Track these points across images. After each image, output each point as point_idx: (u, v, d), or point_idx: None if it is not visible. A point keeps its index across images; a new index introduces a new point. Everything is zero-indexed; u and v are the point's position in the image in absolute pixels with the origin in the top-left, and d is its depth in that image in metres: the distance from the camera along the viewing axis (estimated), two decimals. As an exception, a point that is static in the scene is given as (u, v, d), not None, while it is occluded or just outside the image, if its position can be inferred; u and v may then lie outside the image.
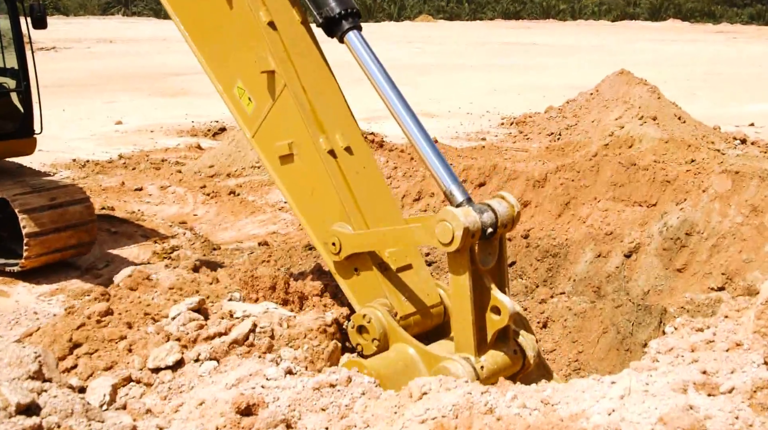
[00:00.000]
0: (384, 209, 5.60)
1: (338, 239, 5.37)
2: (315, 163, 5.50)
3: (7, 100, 10.72)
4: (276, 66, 5.51)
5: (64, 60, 37.71)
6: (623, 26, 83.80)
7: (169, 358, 5.08)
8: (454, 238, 4.56)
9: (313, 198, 5.58)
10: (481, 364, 4.72)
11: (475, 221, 4.63)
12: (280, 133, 5.61)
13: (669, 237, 9.08)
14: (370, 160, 5.70)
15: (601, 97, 18.50)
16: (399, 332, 5.06)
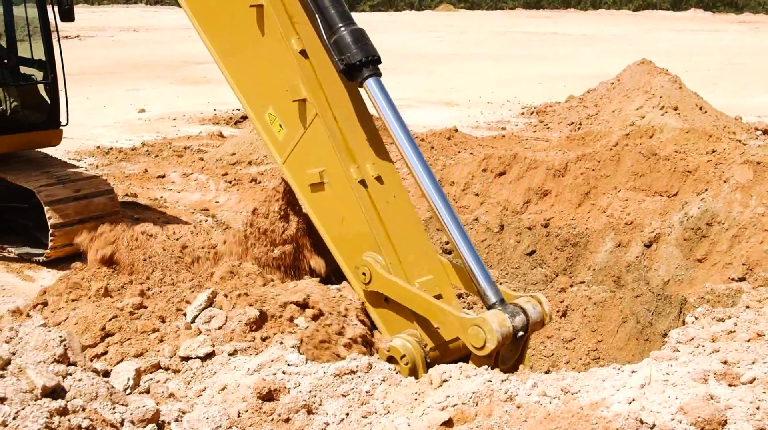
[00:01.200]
0: (414, 239, 5.64)
1: (369, 271, 5.42)
2: (346, 192, 5.54)
3: (34, 92, 10.83)
4: (307, 95, 5.55)
5: (88, 48, 37.91)
6: (645, 16, 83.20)
7: (201, 349, 5.15)
8: (485, 347, 4.70)
9: (344, 226, 5.63)
10: None
11: (508, 330, 4.75)
12: (311, 161, 5.64)
13: (689, 227, 9.05)
14: (401, 190, 5.74)
15: (622, 86, 18.41)
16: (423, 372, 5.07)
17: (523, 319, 4.87)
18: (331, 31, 5.46)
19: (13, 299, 8.71)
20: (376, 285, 5.42)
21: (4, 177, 9.92)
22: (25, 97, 10.81)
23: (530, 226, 9.85)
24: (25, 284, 9.27)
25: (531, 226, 9.84)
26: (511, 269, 9.55)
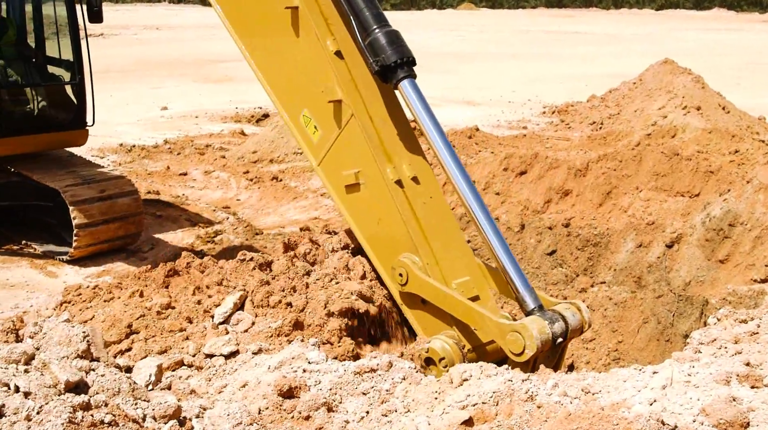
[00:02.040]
0: (451, 240, 5.60)
1: (406, 272, 5.39)
2: (382, 193, 5.53)
3: (61, 92, 10.95)
4: (343, 96, 5.54)
5: (112, 46, 38.16)
6: (667, 15, 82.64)
7: (226, 348, 5.19)
8: (524, 354, 4.68)
9: (380, 227, 5.60)
10: None
11: (548, 337, 4.73)
12: (347, 162, 5.63)
13: (712, 228, 9.00)
14: (437, 190, 5.72)
15: (644, 86, 18.32)
16: None
17: (563, 326, 4.85)
18: (366, 33, 5.44)
19: (36, 294, 8.81)
20: (412, 286, 5.40)
21: (30, 176, 10.04)
22: (53, 97, 10.94)
23: (551, 226, 9.83)
24: (49, 280, 9.37)
25: (552, 226, 9.82)
26: (532, 269, 9.53)
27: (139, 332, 5.46)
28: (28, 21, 11.50)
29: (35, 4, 11.40)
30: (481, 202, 5.33)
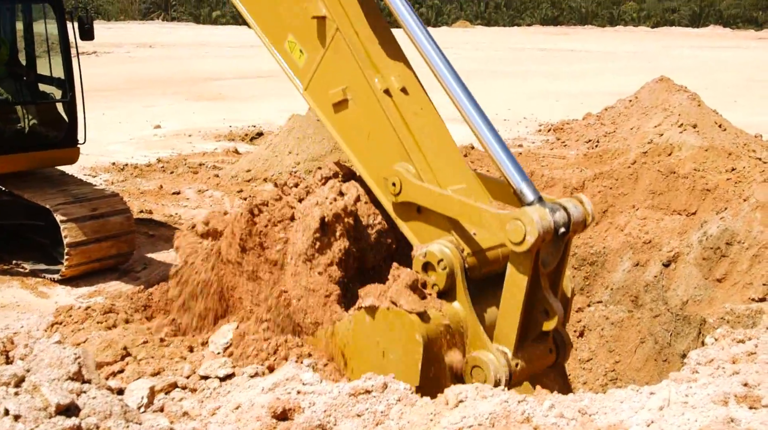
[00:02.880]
0: (445, 149, 5.39)
1: (399, 180, 5.15)
2: (371, 104, 5.32)
3: (52, 110, 10.92)
4: (327, 11, 5.39)
5: (105, 64, 38.20)
6: (663, 32, 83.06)
7: (221, 370, 5.13)
8: (525, 240, 4.40)
9: (370, 141, 5.39)
10: (517, 361, 4.64)
11: (549, 224, 4.45)
12: (334, 81, 5.47)
13: (709, 246, 8.97)
14: (428, 103, 5.50)
15: (640, 104, 18.34)
16: (462, 289, 4.81)
17: (564, 215, 4.57)
18: None
19: (27, 315, 8.72)
20: (406, 194, 5.15)
21: (21, 194, 9.98)
22: (44, 115, 10.90)
23: (547, 244, 9.79)
24: (40, 300, 9.29)
25: (547, 244, 9.78)
26: (528, 288, 9.48)
27: (133, 355, 5.41)
28: (19, 39, 11.48)
29: (26, 22, 11.38)
30: (470, 95, 5.09)
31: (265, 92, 29.41)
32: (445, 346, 4.65)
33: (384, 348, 4.69)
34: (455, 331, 4.72)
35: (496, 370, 4.52)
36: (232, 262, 5.54)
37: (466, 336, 4.74)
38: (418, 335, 4.52)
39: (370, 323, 4.76)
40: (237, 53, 48.04)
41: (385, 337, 4.69)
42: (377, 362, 4.72)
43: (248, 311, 5.56)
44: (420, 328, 4.54)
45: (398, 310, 4.62)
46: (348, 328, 4.93)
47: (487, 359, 4.57)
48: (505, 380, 4.51)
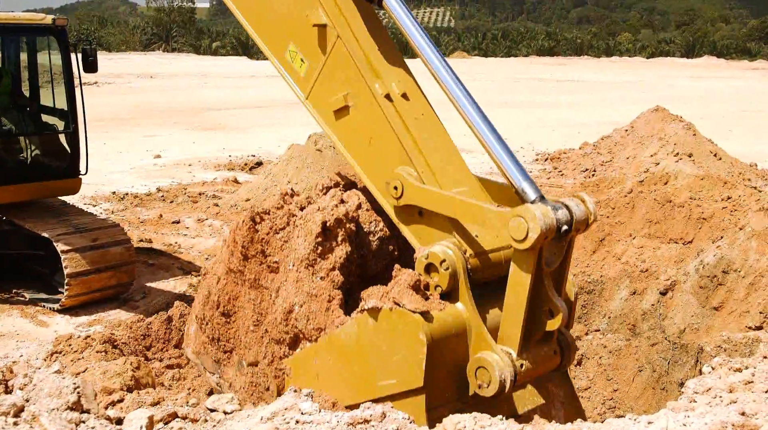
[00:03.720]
0: (447, 153, 5.37)
1: (401, 184, 5.13)
2: (372, 109, 5.33)
3: (55, 141, 11.00)
4: (328, 18, 5.42)
5: (106, 95, 38.36)
6: (658, 63, 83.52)
7: (229, 406, 5.15)
8: (528, 238, 4.35)
9: (371, 147, 5.39)
10: (522, 362, 4.58)
11: (552, 221, 4.41)
12: (335, 88, 5.49)
13: (705, 275, 9.00)
14: (429, 109, 5.50)
15: (636, 133, 18.44)
16: (465, 290, 4.78)
17: (567, 213, 4.53)
18: None
19: (26, 344, 8.73)
20: (408, 197, 5.11)
21: (23, 224, 10.02)
22: (46, 146, 10.98)
23: (545, 273, 9.81)
24: (39, 330, 9.30)
25: (545, 273, 9.80)
26: (526, 317, 9.49)
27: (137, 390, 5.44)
28: (23, 70, 11.58)
29: (30, 53, 11.48)
30: (468, 93, 5.08)
31: (264, 122, 29.55)
32: (449, 347, 4.60)
33: (388, 350, 4.64)
34: (459, 332, 4.68)
35: (500, 370, 4.45)
36: (234, 271, 5.56)
37: (469, 337, 4.69)
38: (421, 334, 4.47)
39: (373, 325, 4.71)
40: (237, 84, 48.29)
41: (388, 338, 4.63)
42: (381, 365, 4.66)
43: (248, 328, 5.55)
44: (423, 327, 4.50)
45: (401, 310, 4.59)
46: (351, 332, 4.87)
47: (491, 359, 4.50)
48: (510, 380, 4.45)
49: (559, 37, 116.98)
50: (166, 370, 6.01)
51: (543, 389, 5.12)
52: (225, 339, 5.70)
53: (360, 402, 4.60)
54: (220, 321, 5.68)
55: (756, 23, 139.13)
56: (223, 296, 5.65)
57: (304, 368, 5.12)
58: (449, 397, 4.59)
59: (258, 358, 5.44)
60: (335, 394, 4.89)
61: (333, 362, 4.97)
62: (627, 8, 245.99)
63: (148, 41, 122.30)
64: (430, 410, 4.43)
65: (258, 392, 5.39)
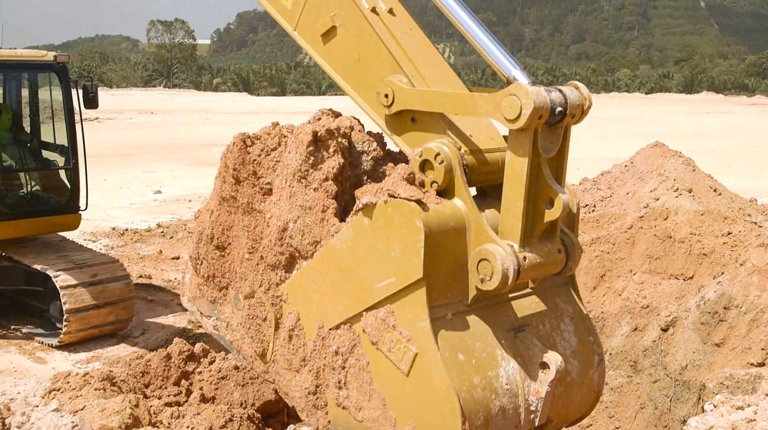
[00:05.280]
0: (436, 65, 5.28)
1: (391, 90, 5.02)
2: (359, 24, 5.25)
3: (55, 177, 11.03)
4: None
5: (107, 130, 38.53)
6: (657, 98, 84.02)
7: None
8: (521, 115, 4.23)
9: (360, 63, 5.30)
10: (525, 255, 4.39)
11: (545, 100, 4.28)
12: (321, 12, 5.43)
13: (707, 311, 8.97)
14: (416, 26, 5.40)
15: (635, 169, 18.45)
16: (462, 185, 4.64)
17: (561, 96, 4.39)
18: None
19: (24, 381, 8.68)
20: (399, 102, 5.00)
21: (21, 260, 10.02)
22: (46, 181, 11.01)
23: (545, 309, 9.78)
24: (37, 366, 9.25)
25: (546, 309, 9.77)
26: (527, 353, 9.44)
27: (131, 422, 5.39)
28: (24, 105, 11.64)
29: (32, 89, 11.56)
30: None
31: (264, 158, 29.59)
32: (448, 240, 4.43)
33: (385, 247, 4.46)
34: (458, 227, 4.53)
35: (502, 260, 4.27)
36: (227, 198, 5.47)
37: (469, 234, 4.53)
38: (418, 221, 4.32)
39: (369, 224, 4.57)
40: (237, 119, 48.52)
41: (384, 234, 4.48)
42: (379, 265, 4.47)
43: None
44: (420, 214, 4.35)
45: (396, 200, 4.46)
46: (346, 238, 4.70)
47: (493, 249, 4.33)
48: (513, 270, 4.25)
49: (558, 73, 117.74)
50: (165, 408, 5.95)
51: (551, 304, 4.97)
52: (220, 274, 5.57)
53: (358, 313, 4.47)
54: (214, 255, 5.57)
55: (753, 59, 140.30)
56: (217, 227, 5.54)
57: (300, 290, 4.94)
58: (450, 298, 4.39)
59: (254, 288, 5.29)
60: (332, 312, 4.68)
61: (330, 276, 4.79)
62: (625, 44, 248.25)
63: (149, 77, 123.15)
64: (432, 308, 4.24)
65: (255, 325, 5.25)
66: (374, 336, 4.35)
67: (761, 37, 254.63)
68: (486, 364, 4.30)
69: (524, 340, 4.53)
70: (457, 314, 4.37)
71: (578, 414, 4.93)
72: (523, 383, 4.36)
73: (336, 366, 4.56)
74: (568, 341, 4.80)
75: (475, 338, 4.35)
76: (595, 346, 4.95)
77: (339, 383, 4.58)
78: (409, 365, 4.20)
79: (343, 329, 4.57)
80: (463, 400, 4.05)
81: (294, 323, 4.90)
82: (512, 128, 4.32)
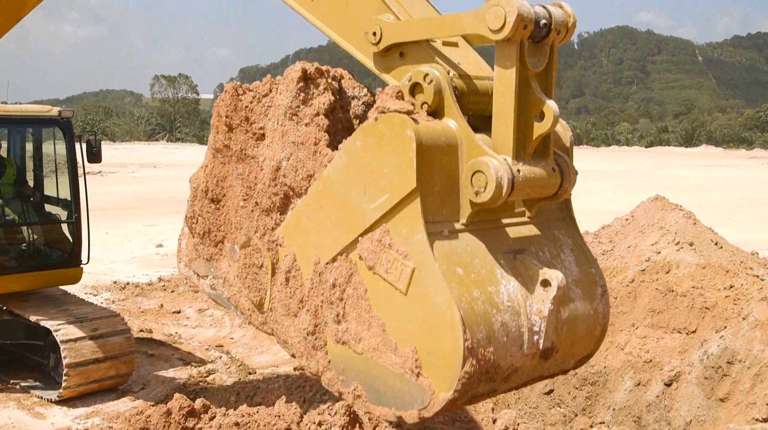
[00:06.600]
0: (426, 10, 5.25)
1: (379, 28, 5.03)
2: None
3: (57, 231, 11.08)
4: None
5: (110, 184, 38.71)
6: (657, 152, 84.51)
7: None
8: (506, 23, 4.23)
9: (348, 10, 5.30)
10: (518, 168, 4.34)
11: (530, 11, 4.29)
12: None
13: (710, 366, 8.92)
14: None
15: (636, 222, 18.47)
16: (452, 104, 4.61)
17: (545, 11, 4.39)
18: None
19: (23, 437, 8.61)
20: (387, 36, 5.00)
21: (22, 314, 10.00)
22: (49, 235, 11.05)
23: (548, 363, 9.72)
24: (36, 422, 9.17)
25: (548, 363, 9.71)
26: (529, 409, 9.37)
27: None
28: (28, 159, 11.73)
29: (36, 143, 11.66)
30: None
31: (265, 211, 29.66)
32: (440, 155, 4.38)
33: (377, 165, 4.41)
34: (449, 143, 4.48)
35: (496, 169, 4.22)
36: (220, 149, 5.43)
37: (461, 151, 4.48)
38: (409, 131, 4.28)
39: (361, 144, 4.53)
40: (238, 172, 48.61)
41: (377, 151, 4.43)
42: (373, 185, 4.42)
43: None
44: (410, 124, 4.31)
45: (386, 115, 4.42)
46: (339, 164, 4.67)
47: (486, 160, 4.29)
48: (508, 180, 4.20)
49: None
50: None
51: (550, 235, 4.90)
52: (216, 228, 5.54)
53: (354, 240, 4.42)
54: (209, 209, 5.53)
55: (751, 113, 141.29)
56: (211, 180, 5.50)
57: (295, 230, 4.90)
58: (446, 216, 4.33)
59: (249, 235, 5.23)
60: (328, 245, 4.62)
61: (324, 209, 4.74)
62: (625, 98, 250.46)
63: (153, 131, 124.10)
64: (427, 223, 4.17)
65: (252, 273, 5.18)
66: (371, 260, 4.31)
67: (758, 91, 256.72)
68: (485, 280, 4.23)
69: (524, 261, 4.47)
70: (454, 232, 4.32)
71: (584, 350, 4.86)
72: (525, 302, 4.30)
73: (334, 299, 4.51)
74: (569, 270, 4.74)
75: (473, 255, 4.28)
76: (598, 278, 4.93)
77: (337, 316, 4.52)
78: (407, 282, 4.15)
79: (339, 260, 4.52)
80: (463, 311, 3.97)
81: (290, 265, 4.85)
82: (498, 39, 4.33)
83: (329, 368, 4.62)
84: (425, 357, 4.07)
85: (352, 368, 4.46)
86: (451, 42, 5.06)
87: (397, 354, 4.18)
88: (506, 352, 4.15)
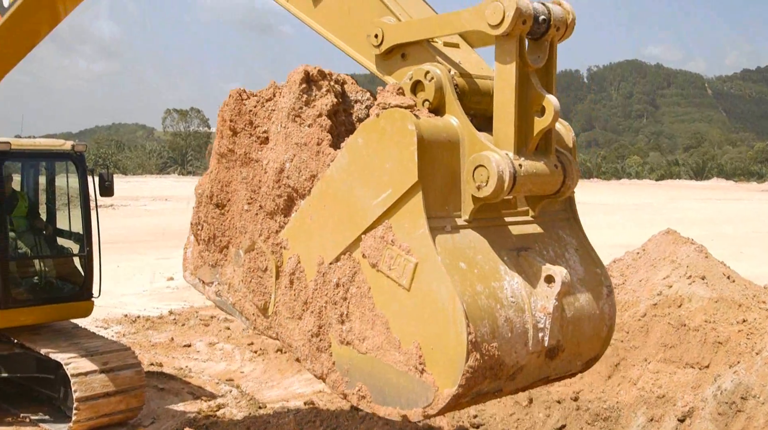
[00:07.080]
0: (426, 11, 5.30)
1: (381, 30, 5.06)
2: None
3: (69, 264, 11.12)
4: None
5: (121, 217, 38.88)
6: (667, 185, 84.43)
7: None
8: (505, 17, 4.26)
9: (351, 17, 5.35)
10: (520, 163, 4.32)
11: (528, 6, 4.33)
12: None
13: (724, 401, 8.84)
14: None
15: (647, 256, 18.42)
16: (453, 101, 4.62)
17: (544, 7, 4.42)
18: None
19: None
20: (389, 38, 5.02)
21: (33, 347, 10.01)
22: (60, 268, 11.09)
23: (559, 399, 9.67)
24: (47, 457, 9.15)
25: (560, 399, 9.65)
26: (542, 444, 9.29)
27: None
28: (41, 193, 11.81)
29: (49, 177, 11.74)
30: None
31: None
32: (442, 151, 4.38)
33: (379, 161, 4.40)
34: (451, 139, 4.47)
35: (497, 163, 4.20)
36: (225, 153, 5.43)
37: (463, 147, 4.47)
38: (410, 125, 4.28)
39: (363, 141, 4.53)
40: (249, 206, 48.76)
41: (378, 147, 4.42)
42: (375, 182, 4.41)
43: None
44: (411, 118, 4.31)
45: (387, 111, 4.42)
46: (342, 163, 4.66)
47: (488, 154, 4.27)
48: (509, 173, 4.19)
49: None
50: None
51: (554, 234, 4.86)
52: (220, 233, 5.53)
53: (357, 238, 4.41)
54: (214, 214, 5.53)
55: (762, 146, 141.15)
56: (216, 185, 5.51)
57: (299, 232, 4.89)
58: (449, 211, 4.32)
59: (254, 238, 5.23)
60: (331, 245, 4.61)
61: (327, 209, 4.73)
62: (635, 132, 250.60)
63: (164, 165, 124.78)
64: (430, 218, 4.16)
65: (256, 278, 5.16)
66: (374, 257, 4.30)
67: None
68: (489, 275, 4.20)
69: (527, 258, 4.44)
70: (456, 228, 4.30)
71: (591, 352, 4.82)
72: (529, 299, 4.27)
73: (337, 299, 4.49)
74: (574, 269, 4.69)
75: (476, 251, 4.26)
76: (603, 278, 4.89)
77: (341, 316, 4.50)
78: (410, 278, 4.13)
79: (342, 259, 4.51)
80: (466, 305, 3.94)
81: (294, 267, 4.84)
82: (497, 34, 4.35)
83: (334, 370, 4.60)
84: (429, 353, 4.05)
85: (356, 368, 4.44)
86: (453, 43, 5.12)
87: (401, 352, 4.16)
88: (511, 348, 4.13)
